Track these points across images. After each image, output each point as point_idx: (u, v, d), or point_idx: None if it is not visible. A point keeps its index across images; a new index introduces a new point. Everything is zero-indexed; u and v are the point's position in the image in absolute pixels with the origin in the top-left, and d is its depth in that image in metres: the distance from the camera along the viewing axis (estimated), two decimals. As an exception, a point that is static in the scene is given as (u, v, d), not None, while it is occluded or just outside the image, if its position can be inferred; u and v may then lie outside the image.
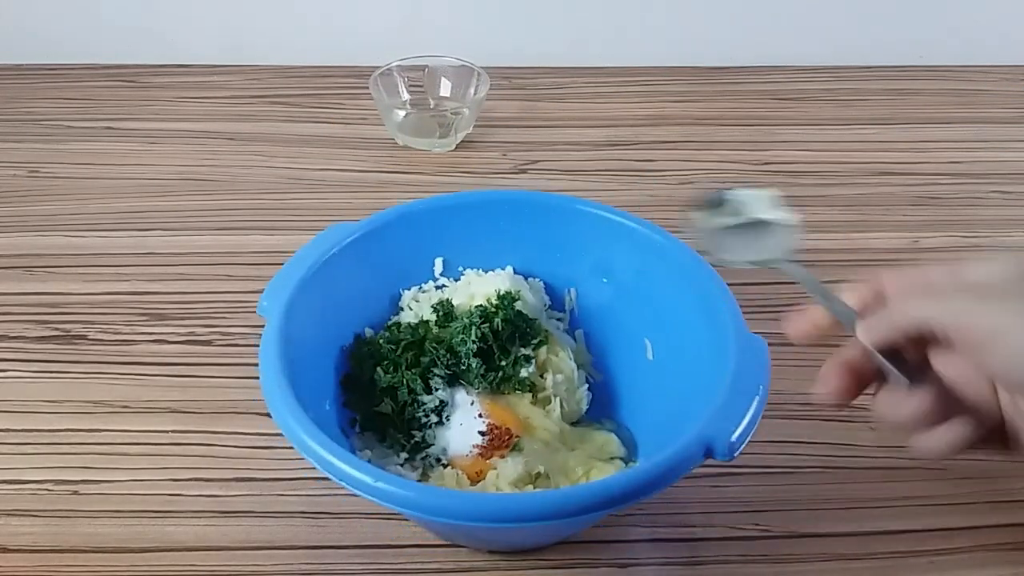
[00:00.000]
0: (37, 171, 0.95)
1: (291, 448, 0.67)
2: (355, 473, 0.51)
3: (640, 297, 0.67)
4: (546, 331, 0.68)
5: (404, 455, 0.63)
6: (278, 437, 0.68)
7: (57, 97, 1.06)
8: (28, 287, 0.81)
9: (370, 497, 0.51)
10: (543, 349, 0.67)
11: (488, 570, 0.61)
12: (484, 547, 0.61)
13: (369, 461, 0.58)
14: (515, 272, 0.71)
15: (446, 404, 0.64)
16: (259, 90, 1.07)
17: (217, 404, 0.71)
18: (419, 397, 0.64)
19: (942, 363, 0.48)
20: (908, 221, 0.90)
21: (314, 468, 0.66)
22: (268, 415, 0.70)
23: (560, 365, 0.67)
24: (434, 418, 0.63)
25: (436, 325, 0.67)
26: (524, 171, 0.96)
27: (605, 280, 0.69)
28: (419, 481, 0.61)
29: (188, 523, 0.63)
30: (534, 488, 0.60)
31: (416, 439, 0.63)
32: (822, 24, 1.13)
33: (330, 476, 0.52)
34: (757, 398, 0.54)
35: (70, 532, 0.62)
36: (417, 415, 0.64)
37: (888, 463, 0.68)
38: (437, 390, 0.64)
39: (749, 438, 0.53)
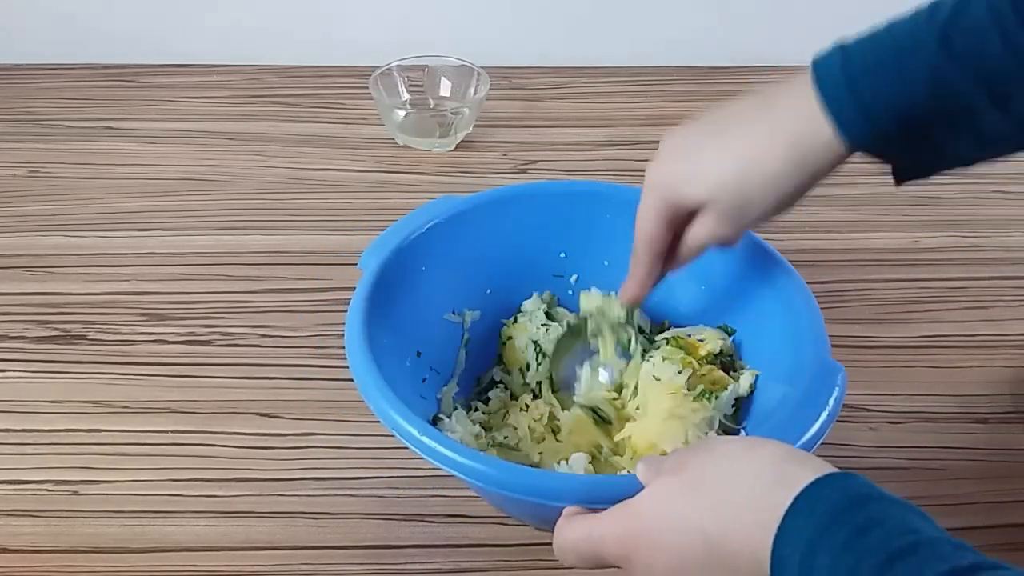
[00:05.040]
0: (37, 171, 0.95)
1: (291, 448, 0.68)
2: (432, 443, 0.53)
3: (734, 308, 0.68)
4: None
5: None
6: (278, 437, 0.69)
7: (57, 97, 1.05)
8: (28, 287, 0.81)
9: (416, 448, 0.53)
10: None
11: (488, 570, 0.61)
12: (530, 522, 0.62)
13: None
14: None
15: None
16: (259, 90, 1.07)
17: (217, 404, 0.71)
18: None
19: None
20: (908, 221, 0.90)
21: (313, 469, 0.67)
22: (268, 415, 0.70)
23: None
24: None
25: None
26: (524, 171, 0.96)
27: (703, 287, 0.69)
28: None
29: (188, 523, 0.63)
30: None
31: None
32: (822, 24, 1.12)
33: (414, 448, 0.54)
34: (817, 424, 0.54)
35: (70, 532, 0.62)
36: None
37: (888, 463, 0.68)
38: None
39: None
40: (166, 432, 0.69)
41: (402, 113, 0.99)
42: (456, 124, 0.97)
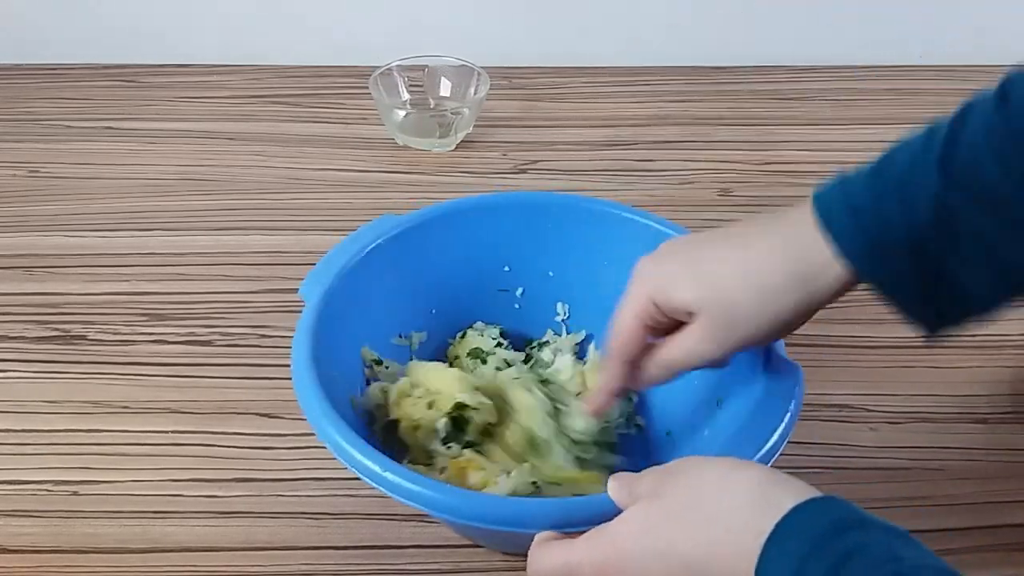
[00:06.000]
0: (37, 171, 0.95)
1: (291, 448, 0.68)
2: (385, 473, 0.52)
3: None
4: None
5: None
6: (278, 437, 0.69)
7: (57, 97, 1.05)
8: (28, 287, 0.81)
9: (382, 488, 0.52)
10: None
11: (487, 570, 0.61)
12: (502, 549, 0.61)
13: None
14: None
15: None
16: (259, 90, 1.07)
17: (217, 404, 0.71)
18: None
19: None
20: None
21: (314, 469, 0.67)
22: (268, 415, 0.70)
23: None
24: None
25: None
26: (524, 171, 0.96)
27: None
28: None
29: (188, 523, 0.63)
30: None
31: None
32: (822, 24, 1.12)
33: (358, 472, 0.53)
34: (781, 426, 0.54)
35: (70, 532, 0.62)
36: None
37: (888, 463, 0.68)
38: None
39: (771, 463, 0.52)
40: (166, 432, 0.69)
41: (402, 113, 0.99)
42: (456, 124, 0.97)
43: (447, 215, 0.70)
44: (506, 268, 0.72)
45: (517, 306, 0.73)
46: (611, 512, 0.47)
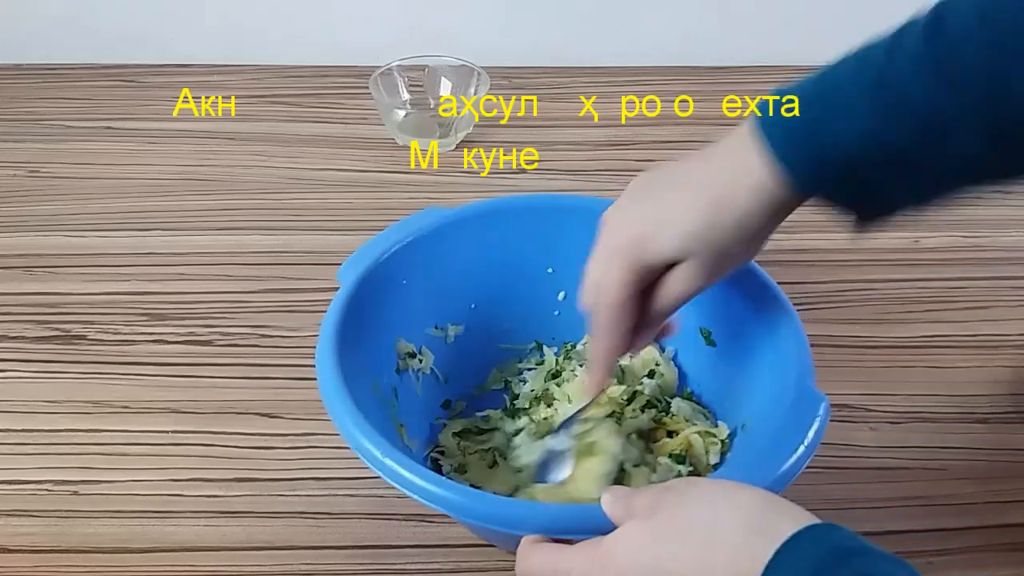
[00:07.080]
0: (37, 171, 0.95)
1: (291, 448, 0.68)
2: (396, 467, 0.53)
3: (721, 325, 0.67)
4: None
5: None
6: (278, 437, 0.69)
7: (57, 97, 1.06)
8: (28, 287, 0.81)
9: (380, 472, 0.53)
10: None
11: (487, 570, 0.61)
12: (504, 547, 0.61)
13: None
14: None
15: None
16: (259, 90, 1.07)
17: (217, 404, 0.71)
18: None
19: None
20: (908, 221, 0.90)
21: (314, 469, 0.67)
22: (268, 415, 0.70)
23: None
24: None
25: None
26: (524, 171, 0.96)
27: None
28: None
29: (188, 523, 0.63)
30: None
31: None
32: (822, 24, 1.12)
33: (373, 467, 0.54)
34: (795, 455, 0.52)
35: (70, 532, 0.62)
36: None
37: (888, 463, 0.68)
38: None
39: (782, 491, 0.52)
40: (166, 432, 0.69)
41: (402, 113, 0.99)
42: (456, 124, 0.97)
43: (494, 212, 0.69)
44: (550, 270, 0.71)
45: (557, 312, 0.72)
46: (603, 524, 0.47)
